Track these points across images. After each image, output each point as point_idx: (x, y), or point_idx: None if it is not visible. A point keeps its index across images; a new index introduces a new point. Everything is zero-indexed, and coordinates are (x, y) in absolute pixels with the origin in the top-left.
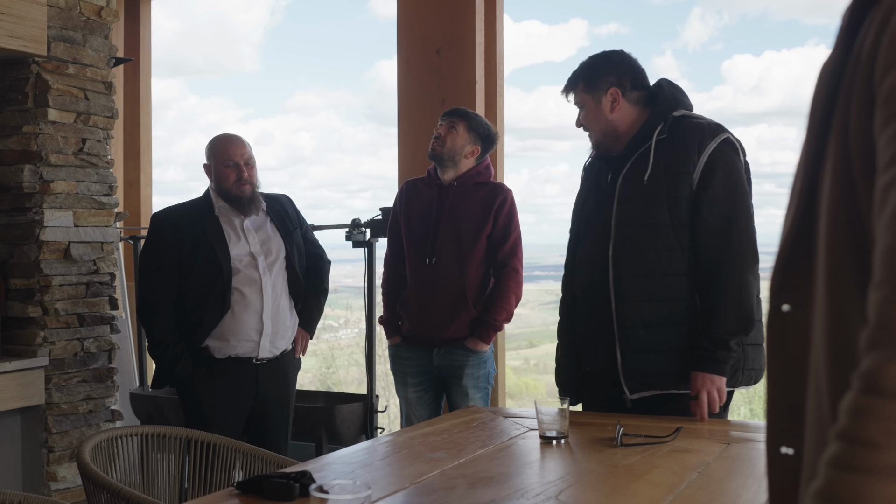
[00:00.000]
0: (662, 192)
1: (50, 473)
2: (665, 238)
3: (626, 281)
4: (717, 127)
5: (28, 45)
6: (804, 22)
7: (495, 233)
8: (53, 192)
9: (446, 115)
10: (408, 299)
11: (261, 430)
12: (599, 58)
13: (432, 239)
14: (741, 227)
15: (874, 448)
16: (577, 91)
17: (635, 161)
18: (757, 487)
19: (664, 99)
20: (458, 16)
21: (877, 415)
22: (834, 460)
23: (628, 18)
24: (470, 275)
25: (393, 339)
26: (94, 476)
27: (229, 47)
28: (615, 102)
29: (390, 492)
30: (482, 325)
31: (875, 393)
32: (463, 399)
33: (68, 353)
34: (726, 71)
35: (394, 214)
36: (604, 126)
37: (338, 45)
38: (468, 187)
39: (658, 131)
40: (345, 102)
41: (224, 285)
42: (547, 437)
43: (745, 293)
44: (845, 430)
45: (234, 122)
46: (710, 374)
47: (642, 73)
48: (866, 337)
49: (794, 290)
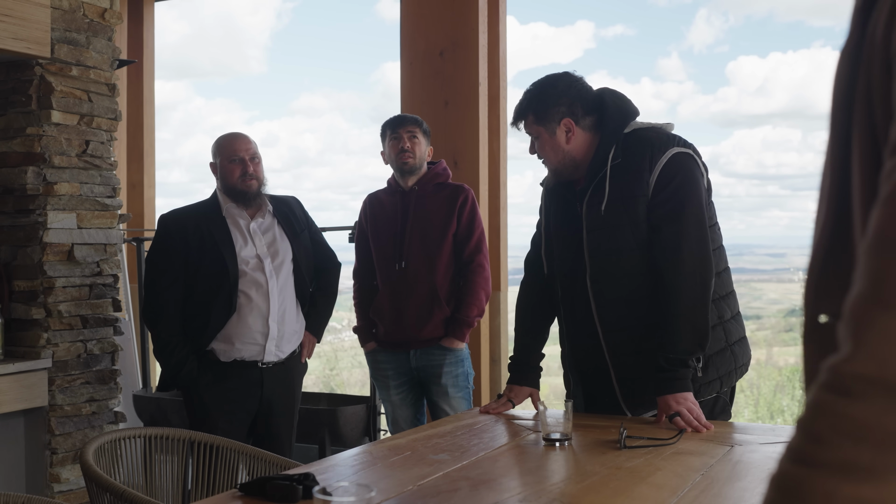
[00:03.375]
0: (623, 218)
1: (53, 475)
2: (634, 263)
3: (608, 308)
4: (667, 140)
5: (32, 47)
6: (809, 24)
7: (460, 231)
8: (57, 194)
9: (400, 126)
10: (380, 304)
11: (265, 433)
12: (546, 87)
13: (400, 243)
14: (691, 243)
15: (820, 444)
16: (528, 123)
17: (594, 190)
18: (759, 490)
19: (611, 118)
20: (461, 18)
21: (827, 411)
22: (788, 451)
23: (634, 20)
24: (439, 274)
25: (368, 345)
26: (98, 478)
27: (236, 50)
28: (570, 133)
29: (393, 494)
30: (456, 322)
31: (830, 389)
32: (444, 398)
33: (71, 354)
34: (731, 73)
35: (360, 228)
36: (561, 157)
37: (344, 47)
38: (429, 190)
39: (612, 155)
40: (350, 104)
41: (230, 287)
42: (550, 439)
43: (698, 312)
44: (801, 422)
45: (239, 124)
46: (674, 394)
47: (591, 95)
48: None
49: (832, 300)
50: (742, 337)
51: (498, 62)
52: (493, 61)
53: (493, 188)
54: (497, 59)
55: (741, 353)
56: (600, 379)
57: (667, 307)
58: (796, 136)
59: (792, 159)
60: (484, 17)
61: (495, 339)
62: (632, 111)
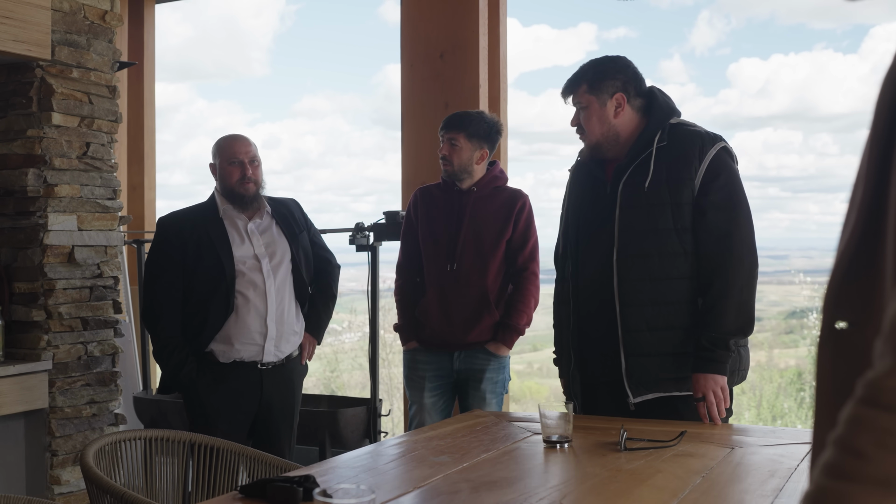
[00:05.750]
0: (665, 198)
1: (53, 477)
2: (669, 242)
3: (631, 285)
4: (715, 135)
5: (32, 50)
6: (811, 27)
7: (515, 238)
8: (57, 196)
9: (444, 130)
10: (429, 305)
11: (265, 434)
12: (605, 61)
13: (454, 244)
14: (743, 231)
15: (863, 459)
16: (580, 92)
17: (636, 168)
18: (760, 492)
19: (660, 107)
20: (461, 20)
21: (869, 426)
22: (825, 467)
23: (637, 23)
24: (490, 279)
25: (410, 343)
26: (98, 480)
27: (239, 52)
28: (619, 108)
29: (394, 496)
30: (505, 329)
31: (871, 404)
32: (480, 404)
33: (72, 356)
34: (732, 75)
35: (408, 221)
36: (606, 130)
37: (347, 49)
38: (487, 192)
39: (658, 138)
40: (352, 106)
41: (227, 287)
42: (551, 441)
43: (745, 295)
44: (839, 437)
45: (241, 126)
46: (712, 375)
47: (643, 81)
48: (878, 345)
49: (851, 307)
50: (746, 343)
51: (498, 64)
52: (493, 63)
53: None
54: (497, 61)
55: (746, 357)
56: (606, 355)
57: (715, 288)
58: (797, 138)
59: (793, 161)
60: (484, 20)
61: None
62: (677, 110)
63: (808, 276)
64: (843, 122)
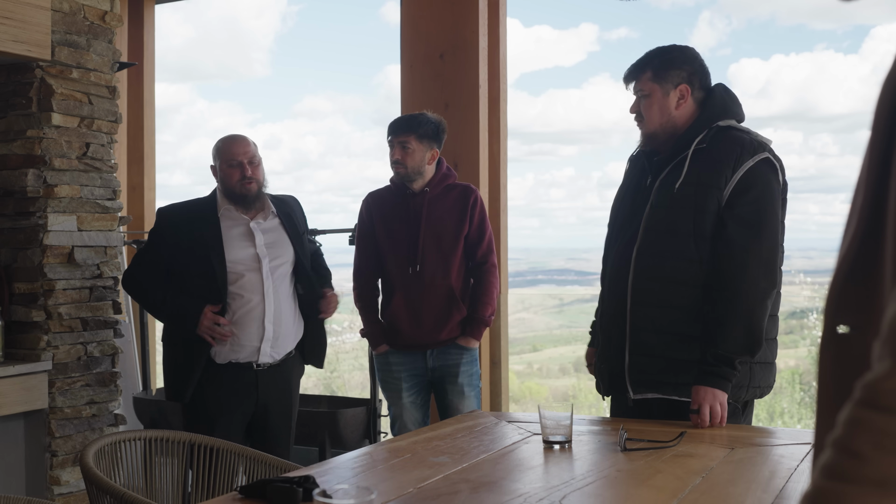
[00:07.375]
0: (690, 203)
1: (53, 478)
2: (685, 248)
3: (643, 284)
4: (759, 145)
5: (32, 50)
6: (811, 27)
7: (472, 233)
8: (57, 197)
9: (393, 134)
10: (397, 309)
11: (263, 434)
12: (673, 49)
13: (415, 246)
14: (764, 252)
15: (860, 460)
16: (643, 79)
17: (673, 168)
18: (760, 492)
19: (713, 106)
20: (461, 20)
21: (867, 428)
22: (824, 468)
23: (638, 23)
24: (454, 276)
25: (380, 347)
26: (98, 480)
27: (240, 52)
28: (682, 99)
29: (393, 497)
30: (473, 322)
31: (869, 406)
32: (459, 398)
33: (72, 357)
34: (733, 75)
35: (362, 226)
36: (665, 120)
37: (348, 49)
38: (439, 191)
39: (698, 140)
40: (353, 107)
41: (219, 288)
42: (550, 441)
43: (756, 318)
44: (838, 439)
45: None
46: (712, 389)
47: (709, 76)
48: (876, 348)
49: (853, 311)
50: (769, 362)
51: (498, 65)
52: (493, 64)
53: (493, 191)
54: (497, 62)
55: (761, 374)
56: (613, 350)
57: (723, 305)
58: (797, 138)
59: (793, 162)
60: (484, 20)
61: (495, 341)
62: (735, 112)
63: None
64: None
